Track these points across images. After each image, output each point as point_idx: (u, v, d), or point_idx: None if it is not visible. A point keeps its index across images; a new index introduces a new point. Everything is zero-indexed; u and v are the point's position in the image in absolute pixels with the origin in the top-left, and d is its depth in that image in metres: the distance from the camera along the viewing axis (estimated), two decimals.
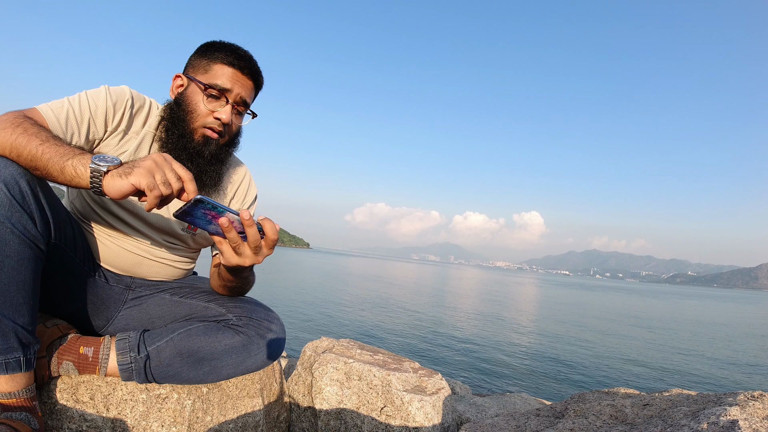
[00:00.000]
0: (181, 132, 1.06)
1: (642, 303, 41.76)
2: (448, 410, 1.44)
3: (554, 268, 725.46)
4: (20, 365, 0.85)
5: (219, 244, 0.85)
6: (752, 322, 29.67)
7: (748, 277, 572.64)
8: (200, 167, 1.09)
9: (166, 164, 0.77)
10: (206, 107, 1.07)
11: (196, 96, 1.07)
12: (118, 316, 1.13)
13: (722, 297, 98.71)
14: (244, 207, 1.29)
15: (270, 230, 0.83)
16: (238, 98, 1.09)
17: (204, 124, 1.07)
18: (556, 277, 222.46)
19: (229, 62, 1.08)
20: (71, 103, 0.97)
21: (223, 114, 1.07)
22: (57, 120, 0.93)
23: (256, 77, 1.13)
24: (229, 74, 1.08)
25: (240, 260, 0.85)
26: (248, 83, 1.11)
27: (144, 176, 0.74)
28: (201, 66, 1.09)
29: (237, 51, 1.10)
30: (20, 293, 0.81)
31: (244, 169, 1.32)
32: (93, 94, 1.01)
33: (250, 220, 0.79)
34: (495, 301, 26.70)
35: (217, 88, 1.06)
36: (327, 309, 15.37)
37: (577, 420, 1.09)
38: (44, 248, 0.85)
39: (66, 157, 0.78)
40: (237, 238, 0.81)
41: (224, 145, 1.14)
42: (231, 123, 1.10)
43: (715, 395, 1.02)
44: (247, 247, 0.83)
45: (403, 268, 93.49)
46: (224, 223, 0.77)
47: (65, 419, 0.99)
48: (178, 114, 1.07)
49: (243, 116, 1.16)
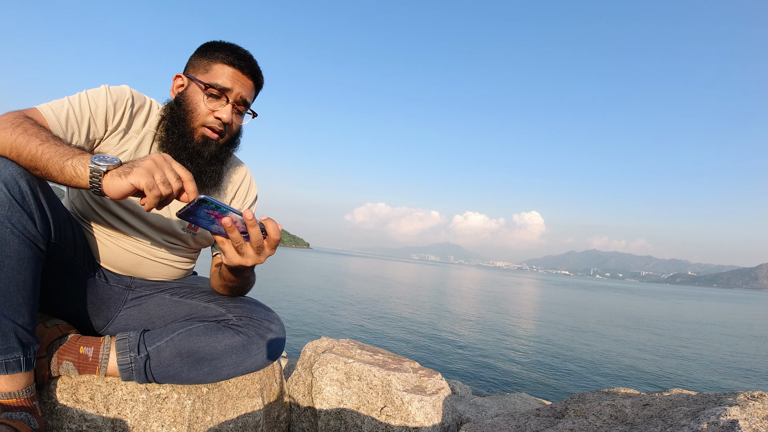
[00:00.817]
0: (181, 131, 1.06)
1: (642, 303, 41.75)
2: (448, 410, 1.44)
3: (554, 268, 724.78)
4: (20, 365, 0.85)
5: (221, 244, 0.85)
6: (752, 322, 29.66)
7: (748, 277, 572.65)
8: (200, 167, 1.09)
9: (166, 164, 0.77)
10: (206, 107, 1.07)
11: (197, 95, 1.07)
12: (118, 316, 1.13)
13: (722, 297, 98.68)
14: (245, 207, 1.29)
15: (272, 230, 0.83)
16: (239, 98, 1.09)
17: (204, 124, 1.07)
18: (556, 277, 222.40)
19: (229, 62, 1.07)
20: (71, 103, 0.97)
21: (223, 113, 1.07)
22: (57, 120, 0.92)
23: (257, 77, 1.13)
24: (230, 74, 1.07)
25: (242, 260, 0.85)
26: (248, 83, 1.11)
27: (143, 176, 0.74)
28: (201, 66, 1.09)
29: (237, 51, 1.10)
30: (20, 293, 0.81)
31: (244, 169, 1.32)
32: (93, 93, 1.01)
33: (253, 220, 0.79)
34: (495, 302, 26.70)
35: (218, 87, 1.06)
36: (327, 309, 15.37)
37: (577, 420, 1.09)
38: (44, 248, 0.85)
39: (66, 157, 0.78)
40: (240, 238, 0.81)
41: (224, 144, 1.13)
42: (231, 122, 1.10)
43: (715, 395, 1.02)
44: (250, 247, 0.83)
45: (403, 268, 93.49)
46: (227, 223, 0.77)
47: (65, 419, 0.99)
48: (179, 113, 1.07)
49: (243, 116, 1.16)
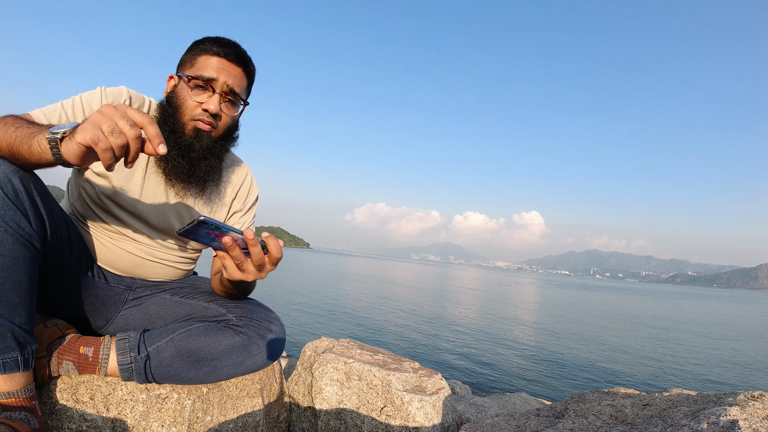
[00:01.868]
0: (172, 128, 1.04)
1: (642, 303, 41.75)
2: (448, 410, 1.44)
3: (554, 268, 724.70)
4: (18, 365, 0.85)
5: (222, 259, 0.85)
6: (752, 322, 29.66)
7: (748, 277, 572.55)
8: (192, 161, 1.07)
9: (117, 112, 0.69)
10: (193, 100, 1.04)
11: (184, 91, 1.05)
12: (118, 316, 1.12)
13: (722, 297, 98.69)
14: (245, 208, 1.28)
15: (274, 248, 0.82)
16: (226, 87, 1.05)
17: (193, 117, 1.05)
18: (556, 277, 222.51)
19: (213, 52, 1.05)
20: (64, 108, 0.95)
21: (210, 104, 1.03)
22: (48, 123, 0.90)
23: (245, 63, 1.09)
24: (215, 63, 1.05)
25: (243, 276, 0.85)
26: (236, 70, 1.07)
27: (88, 130, 0.67)
28: (188, 61, 1.07)
29: (220, 40, 1.07)
30: (16, 292, 0.80)
31: (244, 170, 1.30)
32: (87, 96, 0.99)
33: (254, 240, 0.78)
34: (495, 302, 26.70)
35: (202, 78, 1.04)
36: (327, 309, 15.37)
37: (577, 420, 1.09)
38: (40, 247, 0.84)
39: (33, 135, 0.74)
40: (241, 255, 0.81)
41: (219, 138, 1.10)
42: (221, 113, 1.07)
43: (715, 395, 1.02)
44: (251, 264, 0.83)
45: (403, 268, 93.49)
46: (228, 242, 0.77)
47: (65, 419, 0.98)
48: (169, 111, 1.05)
49: (236, 106, 1.11)
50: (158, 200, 1.11)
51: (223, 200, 1.23)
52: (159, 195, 1.11)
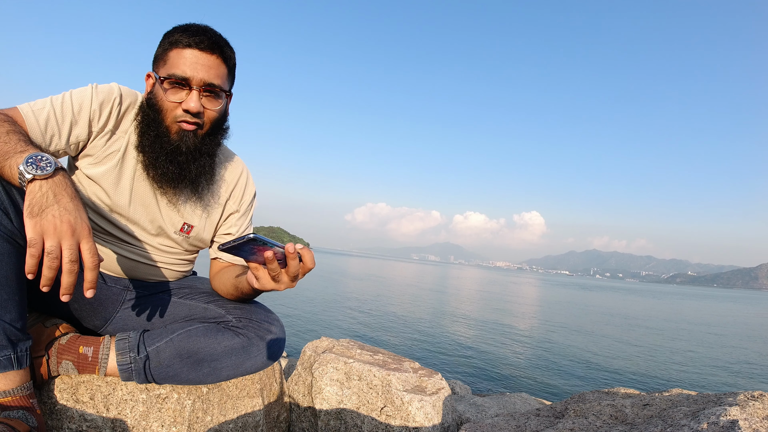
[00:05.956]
0: (156, 133, 1.00)
1: (642, 303, 41.74)
2: (448, 410, 1.44)
3: (554, 268, 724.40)
4: (11, 363, 0.84)
5: (255, 270, 0.87)
6: (752, 322, 29.65)
7: (748, 277, 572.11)
8: (181, 165, 1.03)
9: (71, 238, 0.69)
10: (171, 100, 0.99)
11: (161, 92, 0.99)
12: (117, 317, 1.12)
13: (722, 297, 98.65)
14: (242, 206, 1.26)
15: (309, 260, 0.85)
16: (202, 82, 0.98)
17: (176, 119, 1.00)
18: (557, 277, 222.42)
19: (185, 44, 0.97)
20: (53, 104, 0.94)
21: (190, 103, 0.98)
22: (36, 121, 0.90)
23: (220, 49, 1.01)
24: (187, 57, 0.97)
25: (276, 286, 0.88)
26: (211, 60, 0.99)
27: (33, 229, 0.67)
28: (161, 57, 1.01)
29: (190, 28, 0.99)
30: (4, 289, 0.79)
31: (239, 166, 1.24)
32: (78, 94, 0.97)
33: (295, 254, 0.81)
34: (495, 301, 26.69)
35: (175, 77, 0.97)
36: (327, 309, 15.36)
37: (577, 420, 1.09)
38: (23, 243, 0.81)
39: (8, 156, 0.75)
40: (278, 268, 0.84)
41: (207, 135, 1.05)
42: (203, 109, 1.01)
43: (715, 395, 1.02)
44: (285, 275, 0.86)
45: (403, 268, 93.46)
46: (269, 256, 0.80)
47: (65, 419, 0.98)
48: (151, 115, 1.01)
49: (219, 97, 1.03)
50: (149, 205, 1.09)
51: (218, 200, 1.20)
52: (149, 200, 1.08)
